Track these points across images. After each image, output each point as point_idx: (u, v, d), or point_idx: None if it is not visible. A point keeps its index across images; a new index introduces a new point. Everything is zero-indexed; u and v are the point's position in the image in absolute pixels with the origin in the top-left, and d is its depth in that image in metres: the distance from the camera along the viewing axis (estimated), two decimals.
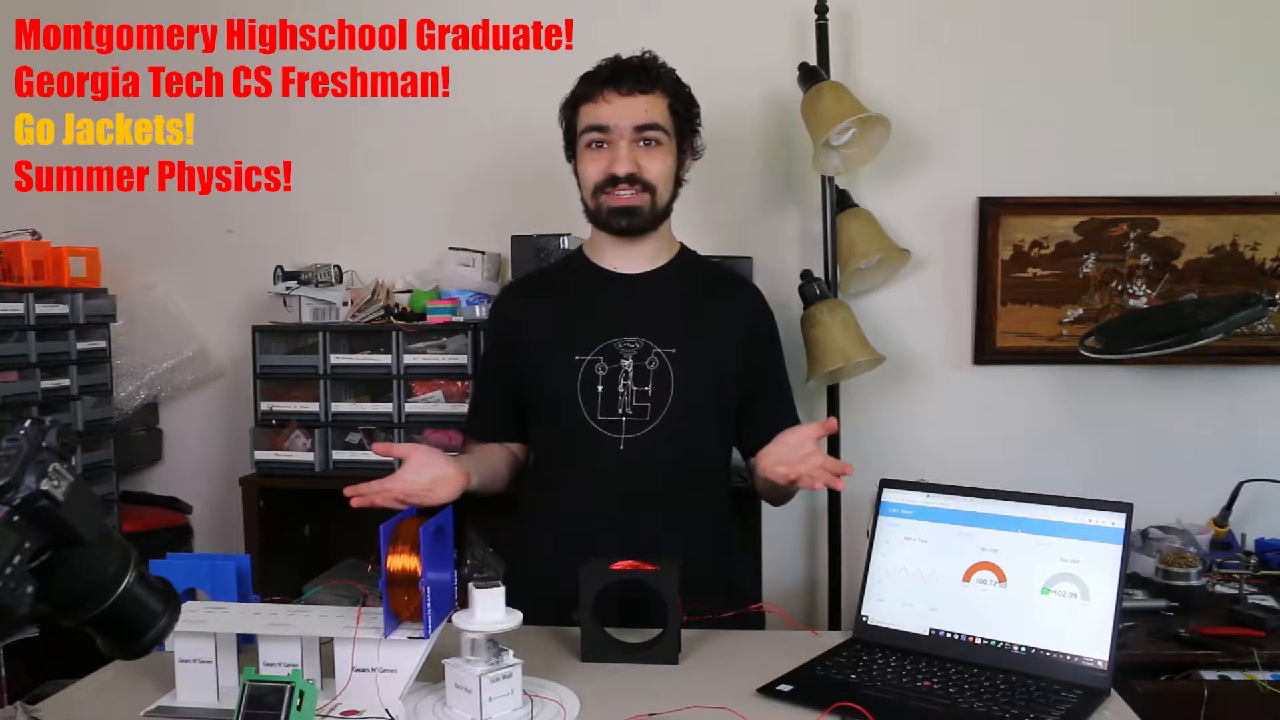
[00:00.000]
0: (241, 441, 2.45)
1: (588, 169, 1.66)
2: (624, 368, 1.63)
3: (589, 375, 1.64)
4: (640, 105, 1.63)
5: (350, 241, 2.58)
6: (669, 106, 1.67)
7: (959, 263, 2.50)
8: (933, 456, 2.47)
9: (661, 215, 1.69)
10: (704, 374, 1.65)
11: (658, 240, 1.72)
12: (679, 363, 1.63)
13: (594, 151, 1.65)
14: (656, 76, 1.66)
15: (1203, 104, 2.43)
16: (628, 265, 1.72)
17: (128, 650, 0.93)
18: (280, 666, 1.24)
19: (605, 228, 1.68)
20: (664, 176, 1.66)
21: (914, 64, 2.48)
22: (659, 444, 1.62)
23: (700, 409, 1.65)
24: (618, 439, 1.62)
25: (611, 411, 1.63)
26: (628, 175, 1.63)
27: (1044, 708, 1.23)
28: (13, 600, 0.78)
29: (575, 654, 1.42)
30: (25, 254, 2.23)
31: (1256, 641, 1.83)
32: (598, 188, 1.65)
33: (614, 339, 1.65)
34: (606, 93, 1.64)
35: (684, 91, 1.71)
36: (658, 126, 1.65)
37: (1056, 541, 1.37)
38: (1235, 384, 2.47)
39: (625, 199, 1.64)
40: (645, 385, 1.63)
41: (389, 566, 1.23)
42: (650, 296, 1.70)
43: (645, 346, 1.64)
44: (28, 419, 0.84)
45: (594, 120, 1.64)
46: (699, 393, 1.64)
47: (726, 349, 1.68)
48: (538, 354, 1.69)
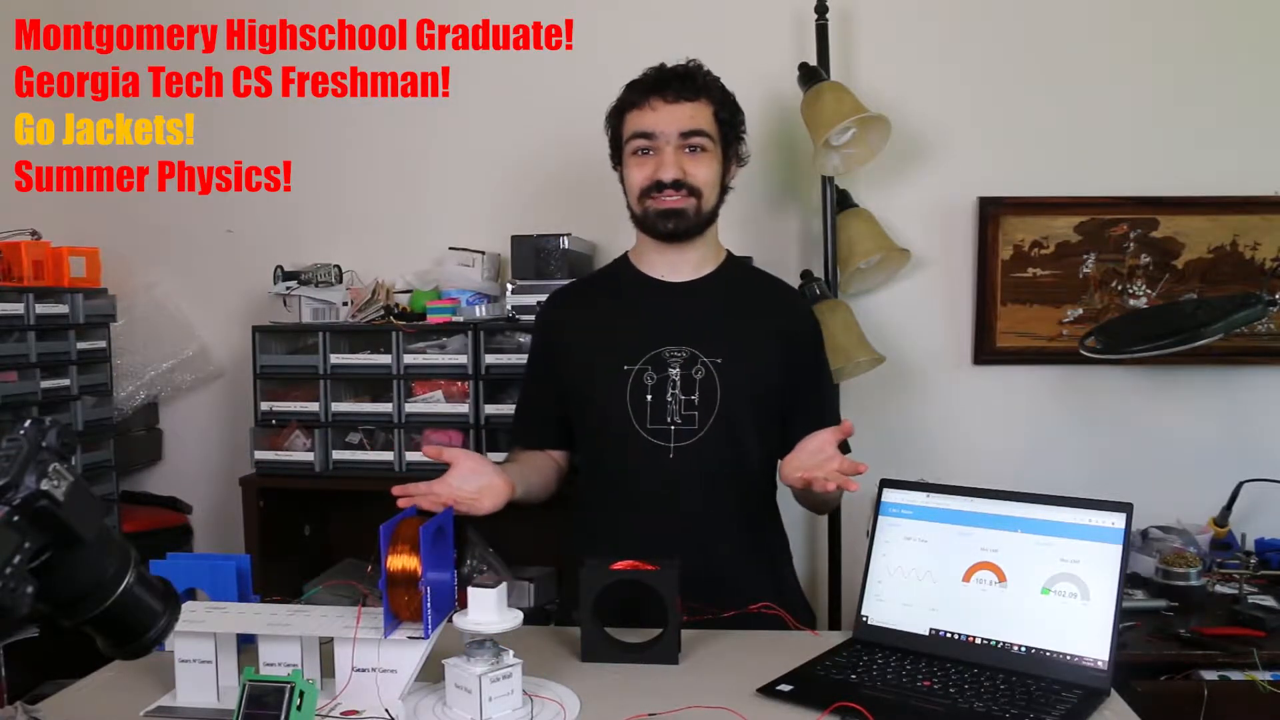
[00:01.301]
0: (241, 441, 2.45)
1: (634, 175, 1.67)
2: (671, 377, 1.64)
3: (638, 384, 1.64)
4: (686, 112, 1.64)
5: (350, 241, 2.58)
6: (714, 114, 1.67)
7: (959, 263, 2.50)
8: (933, 456, 2.47)
9: (708, 220, 1.70)
10: (748, 383, 1.66)
11: (704, 247, 1.73)
12: (725, 372, 1.64)
13: (640, 158, 1.66)
14: (702, 84, 1.67)
15: (1203, 104, 2.43)
16: (674, 273, 1.72)
17: (128, 650, 0.93)
18: (280, 666, 1.24)
19: (652, 231, 1.69)
20: (710, 182, 1.67)
21: (914, 64, 2.48)
22: (708, 452, 1.63)
23: (746, 418, 1.66)
24: (667, 447, 1.63)
25: (660, 420, 1.64)
26: (674, 181, 1.63)
27: (1044, 708, 1.23)
28: (13, 600, 0.78)
29: (575, 654, 1.43)
30: (25, 254, 2.23)
31: (1256, 641, 1.83)
32: (644, 192, 1.66)
33: (662, 348, 1.66)
34: (653, 100, 1.65)
35: (729, 99, 1.71)
36: (703, 133, 1.65)
37: (1056, 541, 1.37)
38: (1235, 384, 2.47)
39: (671, 202, 1.65)
40: (693, 394, 1.63)
41: (389, 566, 1.23)
42: (697, 305, 1.70)
43: (692, 356, 1.65)
44: (28, 419, 0.84)
45: (640, 127, 1.65)
46: (744, 402, 1.65)
47: (769, 359, 1.69)
48: (585, 362, 1.70)
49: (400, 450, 2.30)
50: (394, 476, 2.29)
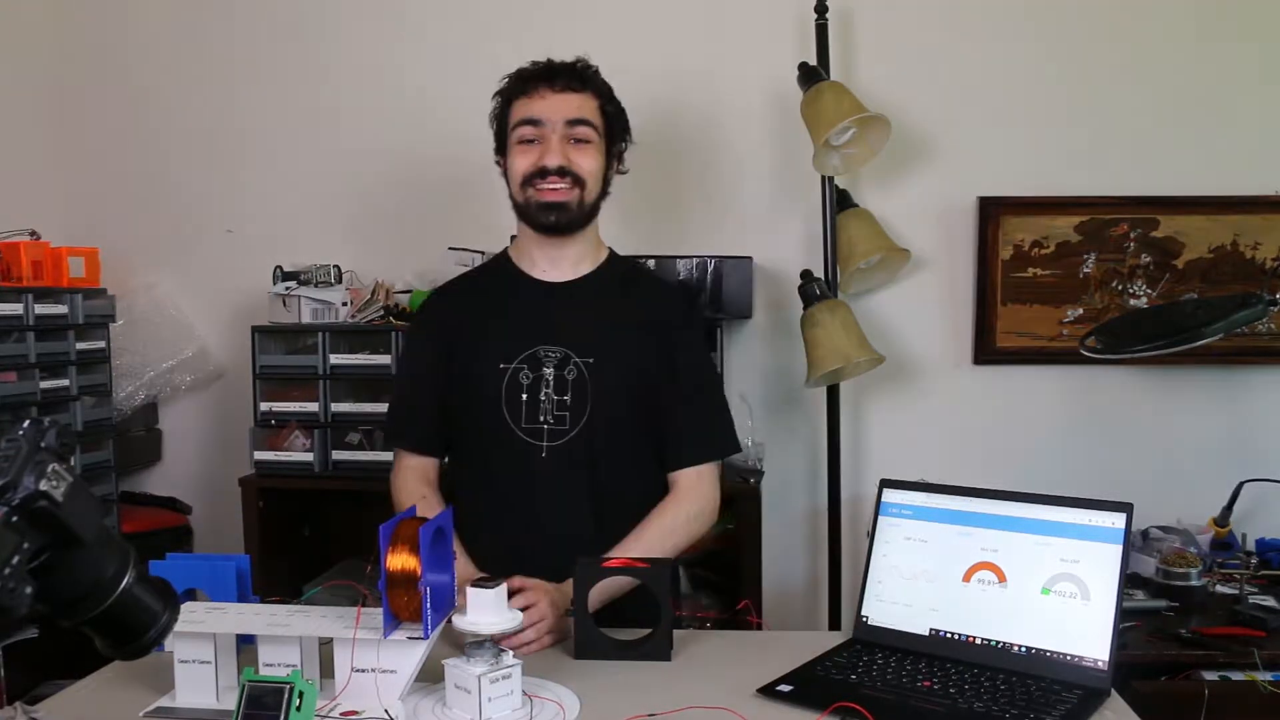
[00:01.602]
0: (241, 442, 2.45)
1: (518, 162, 1.66)
2: (546, 376, 1.64)
3: (513, 383, 1.64)
4: (573, 102, 1.64)
5: (350, 241, 2.58)
6: (600, 107, 1.68)
7: (959, 263, 2.50)
8: (933, 456, 2.47)
9: (589, 215, 1.69)
10: (620, 382, 1.65)
11: (583, 244, 1.72)
12: (596, 372, 1.64)
13: (525, 146, 1.65)
14: (589, 78, 1.68)
15: (1203, 104, 2.43)
16: (553, 271, 1.71)
17: (127, 650, 0.93)
18: (280, 667, 1.24)
19: (533, 223, 1.68)
20: (594, 173, 1.66)
21: (914, 64, 2.48)
22: (580, 452, 1.63)
23: (618, 419, 1.65)
24: (540, 446, 1.63)
25: (534, 419, 1.63)
26: (558, 168, 1.63)
27: (1044, 708, 1.23)
28: (12, 600, 0.78)
29: (569, 652, 1.43)
30: (25, 254, 2.23)
31: (1257, 641, 1.83)
32: (527, 179, 1.64)
33: (537, 347, 1.65)
34: (541, 88, 1.65)
35: (614, 97, 1.71)
36: (589, 123, 1.65)
37: (1056, 542, 1.37)
38: (1235, 384, 2.47)
39: (555, 193, 1.64)
40: (565, 394, 1.63)
41: (389, 567, 1.23)
42: (572, 305, 1.70)
43: (565, 356, 1.65)
44: (26, 419, 0.84)
45: (527, 114, 1.65)
46: (617, 402, 1.65)
47: (641, 352, 1.67)
48: (468, 360, 1.69)
49: None
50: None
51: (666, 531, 1.61)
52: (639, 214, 2.36)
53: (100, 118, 2.66)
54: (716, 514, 1.70)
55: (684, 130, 2.50)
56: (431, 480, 1.73)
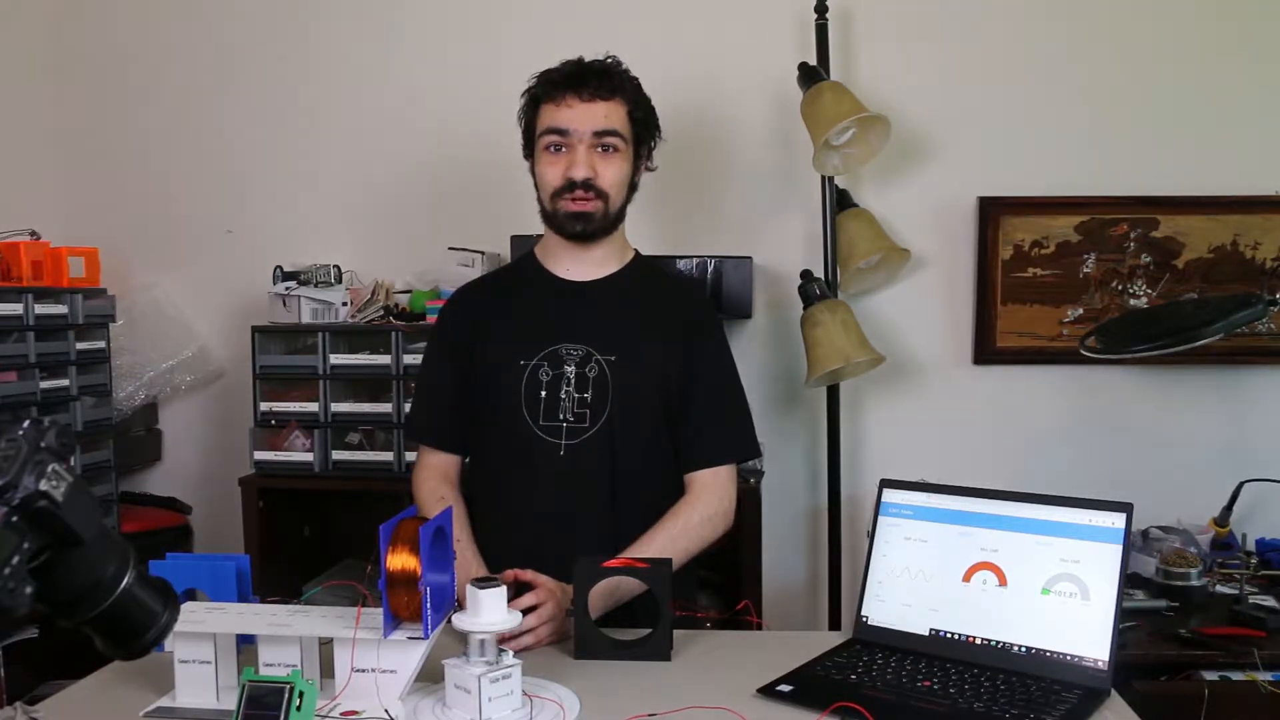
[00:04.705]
0: (241, 442, 2.45)
1: (546, 171, 1.66)
2: (566, 374, 1.64)
3: (533, 380, 1.64)
4: (600, 111, 1.63)
5: (350, 241, 2.58)
6: (629, 113, 1.67)
7: (959, 263, 2.50)
8: (933, 456, 2.47)
9: (614, 222, 1.70)
10: (642, 381, 1.65)
11: (609, 246, 1.73)
12: (617, 370, 1.64)
13: (552, 155, 1.65)
14: (619, 83, 1.66)
15: (1203, 104, 2.43)
16: (579, 271, 1.72)
17: (127, 650, 0.93)
18: (280, 667, 1.24)
19: (560, 231, 1.69)
20: (618, 184, 1.66)
21: (914, 64, 2.48)
22: (599, 450, 1.63)
23: (639, 417, 1.65)
24: (559, 444, 1.63)
25: (553, 417, 1.63)
26: (584, 180, 1.63)
27: (1044, 708, 1.23)
28: (12, 600, 0.77)
29: (569, 652, 1.43)
30: (24, 254, 2.23)
31: (1257, 641, 1.83)
32: (556, 192, 1.65)
33: (559, 345, 1.66)
34: (568, 96, 1.64)
35: (644, 99, 1.71)
36: (616, 133, 1.65)
37: (1056, 542, 1.37)
38: (1235, 384, 2.47)
39: (580, 205, 1.64)
40: (585, 392, 1.63)
41: (389, 566, 1.23)
42: (596, 304, 1.70)
43: (587, 354, 1.65)
44: (26, 419, 0.84)
45: (554, 123, 1.64)
46: (637, 400, 1.65)
47: (665, 353, 1.67)
48: (488, 357, 1.69)
49: (400, 450, 2.30)
50: (393, 476, 2.29)
51: (679, 533, 1.61)
52: (639, 214, 2.32)
53: (100, 118, 2.66)
54: (731, 517, 1.69)
55: (684, 130, 2.49)
56: (452, 479, 1.73)
